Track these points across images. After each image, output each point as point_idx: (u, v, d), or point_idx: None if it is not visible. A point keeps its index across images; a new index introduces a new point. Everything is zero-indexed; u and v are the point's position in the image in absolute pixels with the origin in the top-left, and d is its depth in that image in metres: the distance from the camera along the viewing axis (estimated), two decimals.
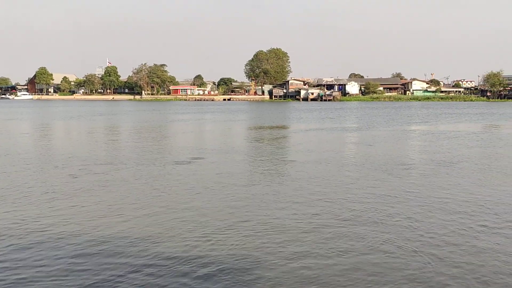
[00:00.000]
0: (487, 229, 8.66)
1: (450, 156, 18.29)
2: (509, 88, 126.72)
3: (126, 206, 10.38)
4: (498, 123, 39.98)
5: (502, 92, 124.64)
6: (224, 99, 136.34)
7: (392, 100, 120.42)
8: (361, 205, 10.46)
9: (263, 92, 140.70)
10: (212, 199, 11.01)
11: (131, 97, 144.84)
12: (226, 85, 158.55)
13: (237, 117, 50.33)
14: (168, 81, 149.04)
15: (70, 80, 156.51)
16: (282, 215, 9.64)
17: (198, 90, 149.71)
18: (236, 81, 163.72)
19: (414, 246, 7.79)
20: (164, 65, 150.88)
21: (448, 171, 14.86)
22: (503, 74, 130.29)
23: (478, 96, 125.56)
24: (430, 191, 11.83)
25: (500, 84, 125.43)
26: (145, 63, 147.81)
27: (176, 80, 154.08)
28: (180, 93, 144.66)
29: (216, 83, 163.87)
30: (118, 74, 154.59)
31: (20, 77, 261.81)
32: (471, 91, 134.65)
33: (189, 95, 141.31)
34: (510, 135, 27.98)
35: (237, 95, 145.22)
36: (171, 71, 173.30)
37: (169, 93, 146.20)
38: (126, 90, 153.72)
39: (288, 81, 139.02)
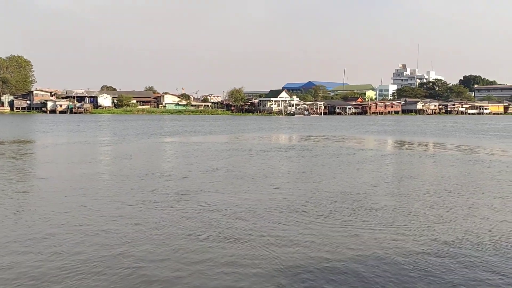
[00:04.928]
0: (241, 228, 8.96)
1: (205, 164, 18.91)
2: (249, 103, 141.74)
3: None
4: (242, 134, 43.83)
5: (244, 107, 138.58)
6: None
7: (146, 113, 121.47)
8: (123, 217, 9.74)
9: (2, 104, 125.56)
10: None
11: None
12: None
13: None
14: None
15: None
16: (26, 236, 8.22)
17: None
18: None
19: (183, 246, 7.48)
20: None
21: (204, 178, 15.23)
22: (244, 90, 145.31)
23: (224, 110, 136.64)
24: (193, 194, 11.81)
25: (242, 99, 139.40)
26: None
27: None
28: None
29: None
30: None
31: None
32: (218, 105, 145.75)
33: None
34: (254, 144, 30.77)
35: None
36: None
37: None
38: None
39: (32, 91, 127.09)
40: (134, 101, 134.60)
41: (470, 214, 10.58)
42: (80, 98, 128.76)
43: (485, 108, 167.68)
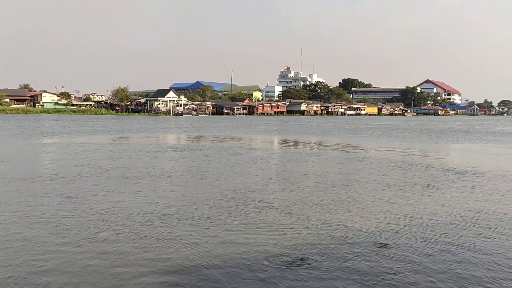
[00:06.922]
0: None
1: (94, 166, 17.89)
2: (135, 103, 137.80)
3: None
4: (130, 134, 42.40)
5: (129, 106, 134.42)
6: None
7: (21, 113, 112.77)
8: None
9: None
10: None
11: None
12: None
13: None
14: None
15: None
16: None
17: None
18: None
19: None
20: None
21: (95, 180, 14.39)
22: (130, 90, 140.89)
23: (108, 110, 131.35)
24: (83, 198, 11.05)
25: (127, 98, 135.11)
26: None
27: None
28: None
29: None
30: None
31: None
32: (102, 105, 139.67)
33: None
34: (144, 145, 29.90)
35: None
36: None
37: None
38: None
39: None
40: (7, 100, 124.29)
41: (365, 205, 11.14)
42: None
43: (361, 109, 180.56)
